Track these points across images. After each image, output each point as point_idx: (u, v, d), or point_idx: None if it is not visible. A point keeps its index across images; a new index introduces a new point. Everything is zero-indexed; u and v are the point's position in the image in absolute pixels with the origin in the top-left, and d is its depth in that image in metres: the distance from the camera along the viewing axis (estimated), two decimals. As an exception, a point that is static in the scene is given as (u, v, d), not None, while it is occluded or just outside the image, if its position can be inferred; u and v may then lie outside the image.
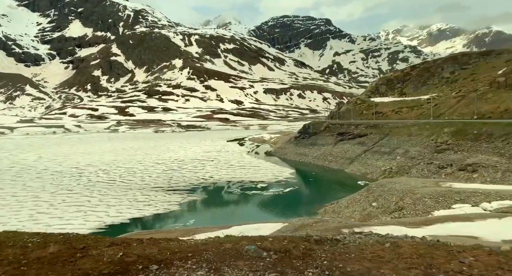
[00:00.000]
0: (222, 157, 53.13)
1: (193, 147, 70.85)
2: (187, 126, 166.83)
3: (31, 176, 38.76)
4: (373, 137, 42.08)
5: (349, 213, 19.69)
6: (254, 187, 32.00)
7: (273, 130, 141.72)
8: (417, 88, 49.70)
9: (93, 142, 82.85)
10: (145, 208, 25.36)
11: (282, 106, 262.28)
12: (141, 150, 65.27)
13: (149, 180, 35.86)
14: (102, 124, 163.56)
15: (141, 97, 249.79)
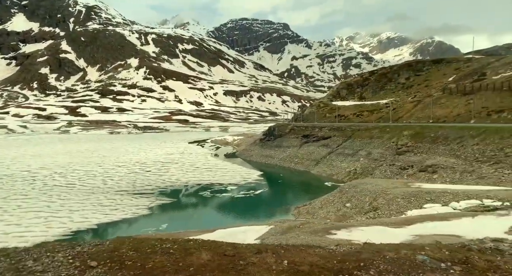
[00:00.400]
0: (186, 160, 52.12)
1: (154, 149, 68.79)
2: (144, 127, 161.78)
3: None
4: (337, 139, 43.45)
5: (324, 214, 20.14)
6: (224, 189, 31.70)
7: (235, 132, 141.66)
8: (375, 92, 52.23)
9: (43, 144, 77.58)
10: (112, 213, 24.14)
11: (242, 108, 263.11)
12: (97, 152, 62.19)
13: (112, 183, 34.23)
14: (51, 124, 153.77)
15: (94, 97, 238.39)
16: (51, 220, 22.49)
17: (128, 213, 24.15)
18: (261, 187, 32.31)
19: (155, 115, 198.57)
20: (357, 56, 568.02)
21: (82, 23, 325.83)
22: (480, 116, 31.12)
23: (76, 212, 24.31)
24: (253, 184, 34.01)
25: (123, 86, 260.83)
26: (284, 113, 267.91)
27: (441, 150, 28.72)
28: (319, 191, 30.64)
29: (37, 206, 25.73)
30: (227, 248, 5.75)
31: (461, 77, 40.99)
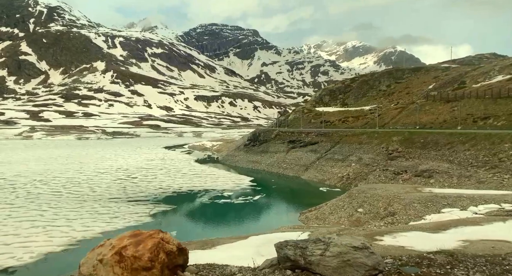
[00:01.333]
0: (170, 165, 50.84)
1: (132, 155, 66.52)
2: (113, 132, 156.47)
3: None
4: (325, 144, 44.07)
5: (335, 219, 20.22)
6: (220, 195, 31.12)
7: (209, 138, 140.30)
8: (357, 99, 53.68)
9: (8, 150, 72.81)
10: (114, 221, 22.97)
11: (214, 114, 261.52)
12: (72, 158, 59.20)
13: (101, 190, 32.64)
14: (12, 129, 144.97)
15: (58, 101, 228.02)
16: (50, 229, 21.07)
17: (131, 221, 23.07)
18: (257, 193, 32.03)
19: (124, 120, 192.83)
20: (325, 63, 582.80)
21: (43, 24, 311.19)
22: (466, 122, 32.76)
23: (74, 220, 22.92)
24: (248, 190, 33.66)
25: (89, 90, 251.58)
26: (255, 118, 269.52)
27: (433, 155, 29.85)
28: (315, 196, 30.85)
29: (29, 215, 24.04)
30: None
31: (441, 85, 43.07)
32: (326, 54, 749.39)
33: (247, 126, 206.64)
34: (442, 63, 57.69)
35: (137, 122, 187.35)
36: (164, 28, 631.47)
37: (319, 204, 25.77)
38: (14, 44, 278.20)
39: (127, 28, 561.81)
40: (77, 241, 19.57)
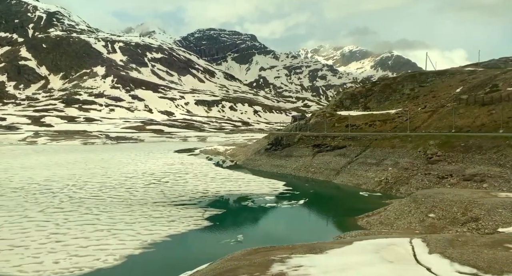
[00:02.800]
0: (194, 170, 50.30)
1: (148, 159, 65.85)
2: (116, 137, 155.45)
3: None
4: (354, 149, 43.84)
5: (405, 224, 19.90)
6: (263, 199, 30.68)
7: (213, 142, 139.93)
8: (380, 102, 53.70)
9: (22, 155, 71.82)
10: (173, 225, 22.53)
11: (215, 118, 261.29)
12: (90, 163, 58.42)
13: (141, 195, 32.14)
14: (15, 135, 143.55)
15: (58, 106, 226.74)
16: (115, 232, 20.65)
17: (190, 225, 22.63)
18: (298, 197, 31.60)
19: (127, 125, 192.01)
20: (323, 68, 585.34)
21: (43, 29, 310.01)
22: (508, 125, 32.73)
23: (133, 224, 22.50)
24: (287, 194, 33.25)
25: (90, 95, 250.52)
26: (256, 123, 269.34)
27: (478, 159, 29.71)
28: (359, 201, 30.56)
29: (85, 219, 23.68)
30: None
31: (470, 88, 43.17)
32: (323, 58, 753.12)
33: (249, 131, 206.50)
34: (465, 66, 57.94)
35: (140, 127, 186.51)
36: (162, 32, 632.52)
37: (370, 209, 25.49)
38: (14, 49, 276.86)
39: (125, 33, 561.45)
40: (149, 244, 19.20)
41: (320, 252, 12.55)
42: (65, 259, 17.08)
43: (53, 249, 18.26)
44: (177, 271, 15.01)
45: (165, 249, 18.90)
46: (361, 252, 12.20)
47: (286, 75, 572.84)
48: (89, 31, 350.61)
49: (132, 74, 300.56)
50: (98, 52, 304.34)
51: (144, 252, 18.11)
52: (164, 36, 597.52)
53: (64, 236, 20.29)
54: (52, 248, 18.49)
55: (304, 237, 21.36)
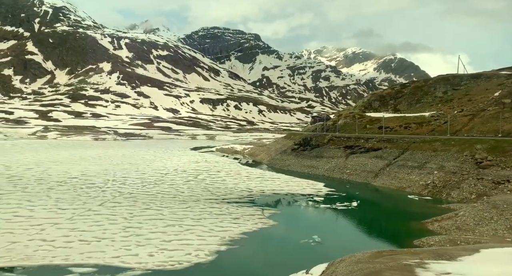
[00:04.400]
0: (224, 168, 49.84)
1: (170, 156, 65.33)
2: (125, 134, 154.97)
3: (36, 186, 31.69)
4: (390, 151, 43.45)
5: (490, 231, 19.51)
6: (313, 200, 30.30)
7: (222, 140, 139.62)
8: (410, 105, 53.35)
9: (41, 149, 71.15)
10: (240, 222, 22.39)
11: (220, 117, 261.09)
12: (114, 159, 57.85)
13: (188, 191, 31.91)
14: (25, 129, 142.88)
15: (64, 101, 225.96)
16: (188, 228, 20.70)
17: (258, 223, 22.39)
18: (347, 199, 31.17)
19: (134, 122, 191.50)
20: (326, 69, 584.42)
21: (49, 24, 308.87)
22: (560, 130, 32.44)
23: (200, 220, 22.47)
24: (335, 195, 32.85)
25: (95, 90, 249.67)
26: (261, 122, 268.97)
27: (535, 164, 29.36)
28: (411, 205, 30.24)
29: (150, 214, 23.63)
30: None
31: (511, 92, 42.84)
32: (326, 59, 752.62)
33: (255, 130, 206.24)
34: (499, 70, 57.60)
35: (147, 124, 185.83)
36: (166, 30, 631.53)
37: (431, 213, 25.28)
38: (20, 43, 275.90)
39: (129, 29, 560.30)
40: (229, 241, 19.10)
41: (452, 259, 12.16)
42: (157, 252, 16.97)
43: (139, 243, 18.19)
44: (279, 269, 14.64)
45: (249, 246, 18.81)
46: (501, 262, 11.78)
47: (289, 75, 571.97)
48: (95, 27, 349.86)
49: (137, 71, 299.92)
50: (104, 48, 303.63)
51: (230, 249, 17.98)
52: (168, 33, 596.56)
53: (140, 230, 20.19)
54: (137, 241, 18.45)
55: (380, 240, 21.02)
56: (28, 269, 15.08)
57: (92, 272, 14.93)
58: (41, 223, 20.96)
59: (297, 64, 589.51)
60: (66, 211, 23.63)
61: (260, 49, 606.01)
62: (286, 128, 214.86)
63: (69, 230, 19.92)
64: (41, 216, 22.38)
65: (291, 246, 19.20)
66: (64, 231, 19.72)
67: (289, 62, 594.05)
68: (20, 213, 22.95)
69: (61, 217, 22.39)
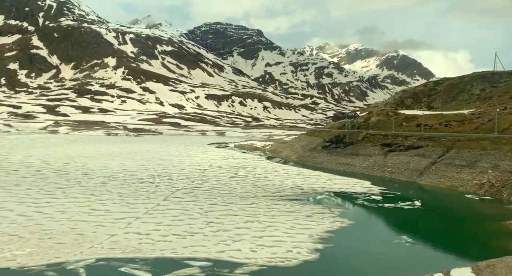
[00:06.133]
0: (257, 165, 48.96)
1: (196, 153, 64.43)
2: (134, 129, 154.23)
3: (88, 180, 31.19)
4: (433, 149, 42.64)
5: None
6: (372, 199, 29.41)
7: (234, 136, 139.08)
8: (445, 102, 52.50)
9: (63, 145, 70.12)
10: (315, 220, 21.65)
11: (226, 113, 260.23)
12: (142, 155, 56.95)
13: (240, 188, 31.21)
14: (36, 124, 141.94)
15: (70, 95, 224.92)
16: (268, 225, 20.24)
17: (334, 222, 21.67)
18: (405, 198, 30.31)
19: (142, 117, 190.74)
20: (329, 65, 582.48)
21: (53, 18, 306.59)
22: None
23: (274, 217, 21.86)
24: (391, 194, 32.03)
25: (101, 86, 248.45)
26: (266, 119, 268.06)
27: None
28: (478, 205, 29.55)
29: (220, 210, 23.22)
30: None
31: (556, 90, 42.11)
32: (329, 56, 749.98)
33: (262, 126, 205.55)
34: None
35: (156, 120, 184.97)
36: (169, 25, 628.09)
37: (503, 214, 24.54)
38: (25, 37, 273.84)
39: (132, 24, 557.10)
40: (318, 239, 18.50)
41: None
42: (257, 248, 16.59)
43: (232, 238, 17.85)
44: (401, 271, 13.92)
45: (346, 245, 18.52)
46: None
47: (292, 71, 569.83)
48: (99, 21, 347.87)
49: (142, 66, 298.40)
50: (109, 43, 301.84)
51: (328, 247, 17.32)
52: (170, 28, 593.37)
53: (223, 226, 19.81)
54: (229, 236, 18.07)
55: (473, 242, 20.28)
56: (147, 260, 14.88)
57: (210, 266, 14.57)
58: (123, 217, 20.51)
59: (300, 61, 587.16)
60: (138, 206, 23.11)
61: (262, 45, 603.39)
62: (292, 125, 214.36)
63: (156, 224, 19.53)
64: (117, 210, 21.88)
65: (387, 246, 18.48)
66: (151, 225, 19.33)
67: (292, 59, 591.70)
68: (95, 207, 22.43)
69: (137, 211, 21.84)
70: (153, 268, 14.16)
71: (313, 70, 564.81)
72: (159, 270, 13.98)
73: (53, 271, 13.45)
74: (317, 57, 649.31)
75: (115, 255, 15.06)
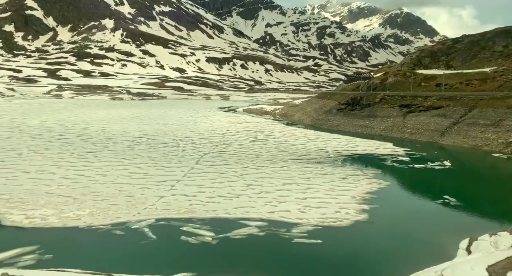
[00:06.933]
0: (273, 129, 48.75)
1: (208, 117, 63.97)
2: (138, 93, 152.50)
3: (113, 144, 31.20)
4: (454, 109, 42.25)
5: None
6: (399, 160, 29.54)
7: (239, 101, 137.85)
8: (465, 61, 51.18)
9: (74, 110, 69.24)
10: (352, 182, 21.75)
11: (227, 76, 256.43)
12: (156, 119, 56.52)
13: (265, 151, 31.24)
14: (39, 88, 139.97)
15: (70, 59, 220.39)
16: (307, 187, 20.50)
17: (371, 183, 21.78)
18: (434, 159, 30.16)
19: (144, 81, 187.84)
20: (331, 25, 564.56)
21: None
22: None
23: (310, 179, 22.06)
24: (416, 155, 32.08)
25: (100, 49, 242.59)
26: (268, 82, 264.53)
27: None
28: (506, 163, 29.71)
29: (255, 172, 23.48)
30: None
31: None
32: (330, 15, 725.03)
33: (265, 90, 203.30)
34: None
35: (159, 84, 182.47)
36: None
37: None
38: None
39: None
40: (361, 199, 18.65)
41: None
42: (304, 209, 16.84)
43: (277, 199, 18.13)
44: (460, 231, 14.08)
45: (392, 206, 18.77)
46: None
47: (293, 32, 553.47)
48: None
49: (141, 28, 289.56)
50: (106, 3, 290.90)
51: (375, 208, 17.42)
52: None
53: (264, 188, 20.04)
54: (273, 198, 18.33)
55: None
56: (204, 220, 15.13)
57: (266, 225, 14.76)
58: (163, 180, 20.63)
59: (301, 20, 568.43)
60: (173, 169, 23.20)
61: (262, 4, 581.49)
62: (296, 88, 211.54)
63: (198, 187, 19.65)
64: (155, 174, 21.99)
65: (433, 206, 18.67)
66: (194, 188, 19.47)
67: (293, 18, 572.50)
68: (132, 170, 22.51)
69: (175, 174, 21.97)
70: (212, 227, 14.35)
71: (314, 30, 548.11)
72: (219, 230, 14.17)
73: (120, 230, 13.72)
74: (318, 16, 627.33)
75: (172, 216, 15.26)
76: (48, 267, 10.23)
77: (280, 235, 14.06)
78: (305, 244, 13.39)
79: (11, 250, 11.53)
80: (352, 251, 13.22)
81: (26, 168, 21.77)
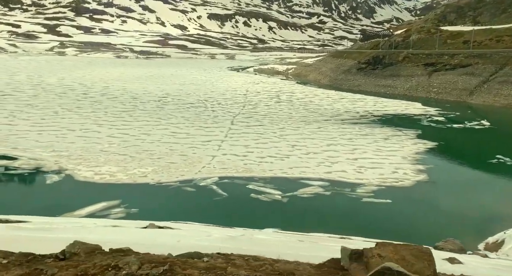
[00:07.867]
0: (293, 89, 47.72)
1: (222, 77, 62.35)
2: (141, 52, 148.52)
3: (140, 104, 30.84)
4: (484, 67, 41.06)
5: None
6: (435, 120, 29.23)
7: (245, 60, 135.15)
8: (494, 16, 48.83)
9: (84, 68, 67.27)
10: (398, 142, 22.05)
11: (230, 34, 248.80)
12: (171, 78, 55.36)
13: (296, 113, 31.12)
14: (40, 44, 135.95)
15: (68, 14, 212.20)
16: (354, 148, 20.54)
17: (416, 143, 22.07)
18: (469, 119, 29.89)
19: (146, 39, 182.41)
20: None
21: None
22: None
23: (353, 140, 22.11)
24: (450, 115, 31.67)
25: (98, 3, 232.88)
26: (271, 40, 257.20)
27: None
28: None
29: (293, 134, 23.28)
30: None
31: None
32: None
33: (269, 49, 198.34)
34: None
35: (162, 42, 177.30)
36: None
37: None
38: None
39: None
40: (413, 159, 18.81)
41: None
42: (360, 169, 16.84)
43: (328, 160, 18.15)
44: None
45: (446, 165, 18.77)
46: None
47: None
48: None
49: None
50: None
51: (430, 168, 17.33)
52: None
53: (309, 149, 19.96)
54: (323, 159, 18.30)
55: None
56: (265, 180, 15.09)
57: (328, 185, 14.75)
58: (208, 140, 20.54)
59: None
60: (212, 130, 23.12)
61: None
62: (301, 47, 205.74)
63: (244, 147, 19.55)
64: (196, 134, 21.85)
65: (489, 166, 18.53)
66: (241, 148, 19.36)
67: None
68: (173, 130, 22.38)
69: (216, 134, 21.78)
70: (276, 186, 14.26)
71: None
72: (284, 189, 14.07)
73: (190, 187, 13.74)
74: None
75: (233, 174, 15.18)
76: (136, 219, 9.94)
77: (347, 194, 13.98)
78: (376, 203, 13.31)
79: (97, 203, 11.50)
80: (426, 210, 13.15)
81: (69, 126, 21.53)
